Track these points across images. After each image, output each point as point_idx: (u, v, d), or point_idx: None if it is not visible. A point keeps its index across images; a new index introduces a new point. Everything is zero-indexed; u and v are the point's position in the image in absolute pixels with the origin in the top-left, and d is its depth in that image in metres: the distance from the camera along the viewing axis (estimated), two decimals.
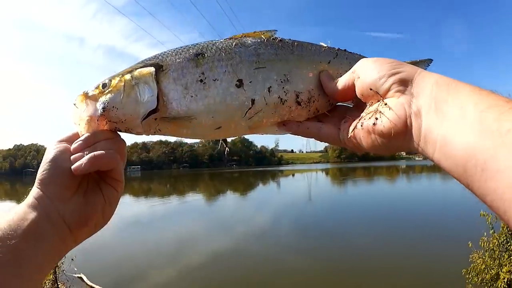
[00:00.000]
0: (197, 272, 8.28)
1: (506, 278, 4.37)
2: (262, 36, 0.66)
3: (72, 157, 0.56)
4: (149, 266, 8.64)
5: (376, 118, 0.48)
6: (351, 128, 0.54)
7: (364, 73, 0.53)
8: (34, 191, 0.54)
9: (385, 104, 0.48)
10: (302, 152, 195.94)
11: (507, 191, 0.33)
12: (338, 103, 0.66)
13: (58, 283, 4.93)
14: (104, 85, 0.61)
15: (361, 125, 0.51)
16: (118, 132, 0.62)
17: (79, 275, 7.37)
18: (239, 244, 10.72)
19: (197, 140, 1.24)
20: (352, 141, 0.54)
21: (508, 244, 4.59)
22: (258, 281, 7.67)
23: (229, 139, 0.71)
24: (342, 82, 0.59)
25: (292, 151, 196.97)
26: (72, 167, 0.54)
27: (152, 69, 0.61)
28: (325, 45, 0.68)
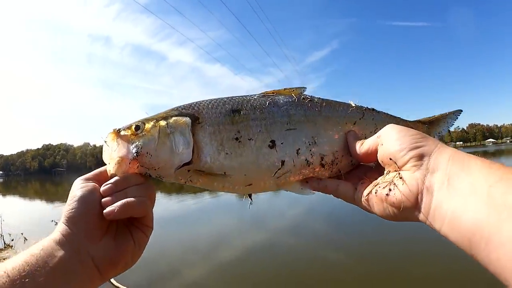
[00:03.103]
0: (231, 267, 7.89)
1: None
2: (293, 94, 0.66)
3: (103, 200, 0.54)
4: (181, 264, 8.18)
5: (390, 190, 0.50)
6: (365, 192, 0.55)
7: (387, 142, 0.54)
8: (62, 227, 0.53)
9: (401, 177, 0.49)
10: None
11: (509, 263, 0.34)
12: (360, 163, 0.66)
13: None
14: (137, 127, 0.59)
15: (375, 192, 0.53)
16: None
17: None
18: (272, 238, 10.34)
19: None
20: (364, 204, 0.55)
21: None
22: (292, 276, 7.21)
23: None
24: (366, 145, 0.59)
25: None
26: (104, 211, 0.53)
27: (188, 120, 0.60)
28: (354, 104, 0.68)
